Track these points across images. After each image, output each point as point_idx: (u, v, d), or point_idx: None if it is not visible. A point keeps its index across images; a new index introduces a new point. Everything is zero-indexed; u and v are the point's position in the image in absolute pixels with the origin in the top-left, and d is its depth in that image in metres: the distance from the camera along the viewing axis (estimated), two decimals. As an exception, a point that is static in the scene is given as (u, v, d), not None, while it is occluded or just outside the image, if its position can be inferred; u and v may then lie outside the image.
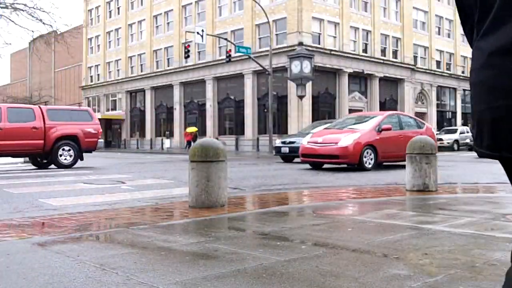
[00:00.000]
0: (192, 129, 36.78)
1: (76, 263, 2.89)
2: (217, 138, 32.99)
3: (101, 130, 15.09)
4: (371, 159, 12.07)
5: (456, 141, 33.06)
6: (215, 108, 39.82)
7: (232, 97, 38.54)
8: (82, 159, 14.74)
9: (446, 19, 46.87)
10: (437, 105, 45.43)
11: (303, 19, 33.42)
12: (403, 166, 13.06)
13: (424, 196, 6.27)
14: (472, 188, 7.64)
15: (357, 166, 11.89)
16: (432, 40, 44.83)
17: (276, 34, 34.94)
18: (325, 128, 14.10)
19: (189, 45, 28.80)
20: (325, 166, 13.00)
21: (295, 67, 27.70)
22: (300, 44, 32.40)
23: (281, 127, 33.70)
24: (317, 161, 12.48)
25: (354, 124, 13.48)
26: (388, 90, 40.36)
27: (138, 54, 48.55)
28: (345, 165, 12.36)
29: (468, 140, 31.95)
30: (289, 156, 17.37)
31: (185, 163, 15.22)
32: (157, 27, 46.56)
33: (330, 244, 3.35)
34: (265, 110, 32.19)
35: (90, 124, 14.70)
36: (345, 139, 11.89)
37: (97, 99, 55.07)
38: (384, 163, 13.51)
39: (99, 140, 14.94)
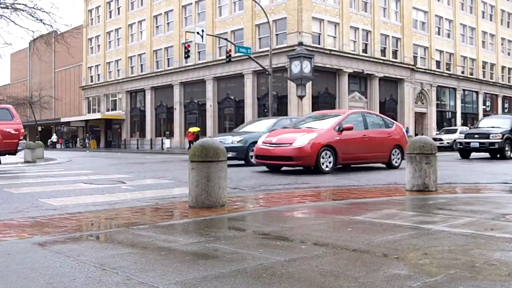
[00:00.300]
0: (194, 129, 36.82)
1: (76, 263, 2.89)
2: (217, 138, 32.94)
3: (23, 130, 13.66)
4: (330, 161, 10.99)
5: (456, 141, 33.05)
6: (215, 108, 39.84)
7: (232, 97, 38.57)
8: None
9: (446, 19, 46.89)
10: (437, 105, 45.47)
11: (303, 19, 33.43)
12: (369, 168, 13.03)
13: (424, 196, 6.27)
14: (472, 188, 7.64)
15: (313, 168, 10.89)
16: (432, 40, 44.85)
17: (276, 34, 34.95)
18: (284, 127, 13.10)
19: (189, 45, 28.80)
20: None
21: (295, 67, 27.69)
22: (300, 44, 32.41)
23: (281, 127, 33.64)
24: (271, 163, 11.42)
25: (314, 122, 12.36)
26: (388, 90, 40.38)
27: (138, 54, 48.58)
28: (301, 168, 11.51)
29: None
30: None
31: (185, 163, 15.23)
32: (157, 27, 46.59)
33: (330, 244, 3.35)
34: (265, 110, 32.20)
35: (9, 124, 13.27)
36: (300, 139, 10.83)
37: (97, 99, 55.10)
38: (352, 165, 12.71)
39: (21, 141, 13.49)
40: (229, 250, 3.20)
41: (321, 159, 10.81)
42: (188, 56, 28.21)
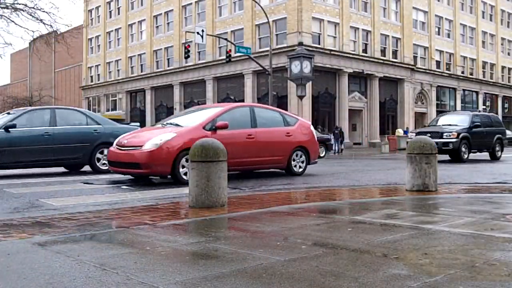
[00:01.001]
0: None
1: (76, 263, 2.89)
2: (217, 138, 32.91)
3: None
4: None
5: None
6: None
7: (232, 97, 38.57)
8: None
9: (446, 19, 46.90)
10: (437, 105, 45.48)
11: (303, 19, 33.44)
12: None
13: (424, 196, 6.27)
14: (472, 188, 7.64)
15: (171, 177, 8.68)
16: (432, 40, 44.85)
17: (276, 34, 34.97)
18: (154, 125, 10.48)
19: (189, 45, 28.79)
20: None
21: (295, 67, 27.70)
22: (300, 44, 32.42)
23: (281, 127, 33.66)
24: (120, 170, 8.89)
25: (184, 119, 10.01)
26: (388, 90, 40.38)
27: (138, 54, 48.60)
28: (157, 177, 9.24)
29: None
30: None
31: (185, 163, 15.14)
32: (157, 27, 46.61)
33: (330, 244, 3.35)
34: (265, 110, 32.20)
35: None
36: (153, 141, 8.48)
37: (97, 99, 55.11)
38: (255, 171, 10.75)
39: None
40: (229, 250, 3.20)
41: (181, 166, 8.49)
42: (188, 56, 28.21)
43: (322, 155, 22.01)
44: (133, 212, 5.10)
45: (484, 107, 51.29)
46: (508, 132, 42.33)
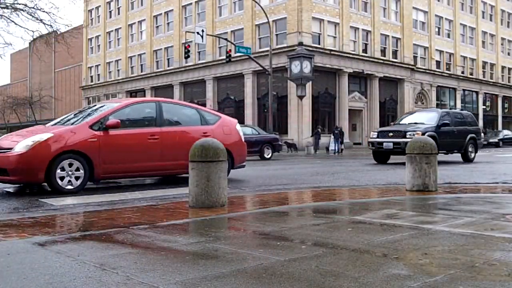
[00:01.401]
0: None
1: (76, 263, 2.89)
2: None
3: None
4: (78, 175, 7.35)
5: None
6: (215, 108, 39.86)
7: (232, 97, 38.59)
8: None
9: (446, 19, 46.91)
10: (437, 105, 45.46)
11: (303, 19, 33.45)
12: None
13: (424, 196, 6.27)
14: (472, 188, 7.64)
15: (47, 185, 7.28)
16: (432, 40, 44.86)
17: (276, 34, 34.97)
18: (46, 124, 9.34)
19: (189, 45, 28.81)
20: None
21: (295, 67, 27.74)
22: (300, 44, 32.43)
23: (281, 127, 33.74)
24: None
25: (79, 116, 8.45)
26: (388, 90, 40.38)
27: (138, 54, 48.61)
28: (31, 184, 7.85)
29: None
30: None
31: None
32: (157, 27, 46.63)
33: (330, 244, 3.35)
34: (265, 110, 32.24)
35: None
36: (24, 143, 7.14)
37: (97, 99, 55.11)
38: (180, 175, 9.17)
39: None
40: (229, 250, 3.20)
41: (59, 172, 7.17)
42: (188, 56, 28.22)
43: (268, 156, 20.52)
44: (133, 212, 5.11)
45: (484, 107, 51.30)
46: (508, 132, 42.60)
